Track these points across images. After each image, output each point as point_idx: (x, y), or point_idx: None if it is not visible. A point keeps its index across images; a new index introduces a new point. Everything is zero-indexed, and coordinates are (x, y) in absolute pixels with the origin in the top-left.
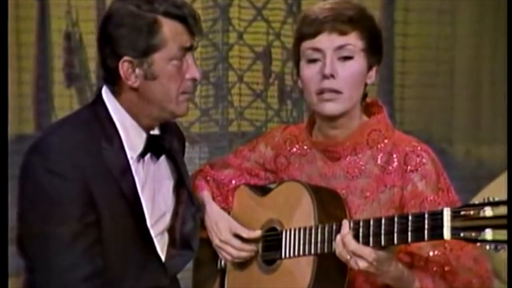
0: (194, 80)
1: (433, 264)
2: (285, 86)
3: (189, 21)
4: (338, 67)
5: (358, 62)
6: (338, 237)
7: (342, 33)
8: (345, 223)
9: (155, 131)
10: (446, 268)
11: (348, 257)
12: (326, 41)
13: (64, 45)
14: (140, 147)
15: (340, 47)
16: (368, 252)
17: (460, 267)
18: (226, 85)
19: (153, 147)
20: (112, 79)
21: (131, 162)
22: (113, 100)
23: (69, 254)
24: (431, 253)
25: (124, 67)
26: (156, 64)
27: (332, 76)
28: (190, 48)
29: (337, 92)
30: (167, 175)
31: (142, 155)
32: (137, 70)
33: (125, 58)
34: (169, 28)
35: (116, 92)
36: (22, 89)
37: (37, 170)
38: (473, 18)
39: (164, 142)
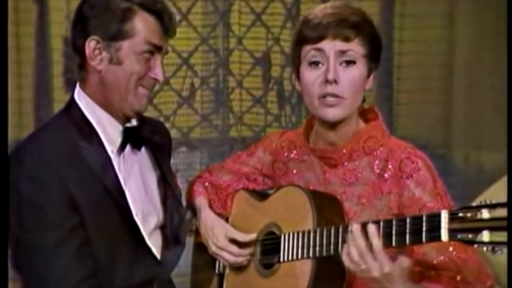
0: (156, 81)
1: (445, 273)
2: (284, 91)
3: (164, 18)
4: (340, 72)
5: (360, 68)
6: (353, 247)
7: (346, 39)
8: (372, 226)
9: (133, 123)
10: (458, 278)
11: (363, 266)
12: (329, 45)
13: (64, 50)
14: (118, 140)
15: (343, 52)
16: (386, 262)
17: (469, 273)
18: (226, 91)
19: (131, 139)
20: (80, 62)
21: (112, 156)
22: (84, 96)
23: (57, 261)
24: (438, 259)
25: (90, 46)
26: (123, 51)
27: (335, 81)
28: (160, 49)
29: (340, 97)
30: (151, 169)
31: (122, 148)
32: (104, 53)
33: (93, 37)
34: (142, 19)
35: (83, 80)
36: (22, 94)
37: (16, 178)
38: (473, 21)
39: (142, 132)
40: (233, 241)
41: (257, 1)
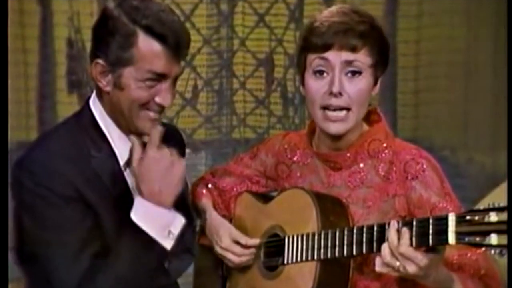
0: (161, 106)
1: (469, 266)
2: (287, 93)
3: (169, 41)
4: (346, 83)
5: (366, 78)
6: (385, 245)
7: (352, 49)
8: (393, 224)
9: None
10: (483, 272)
11: (397, 264)
12: (335, 56)
13: (67, 52)
14: (126, 155)
15: (349, 63)
16: (420, 257)
17: (490, 268)
18: (229, 92)
19: None
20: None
21: (123, 168)
22: (99, 106)
23: (73, 271)
24: (457, 257)
25: (97, 69)
26: (124, 77)
27: (340, 93)
28: (163, 76)
29: (344, 109)
30: None
31: (127, 164)
32: (109, 76)
33: (98, 60)
34: (144, 45)
35: (99, 94)
36: (28, 96)
37: (25, 187)
38: (474, 22)
39: None
40: (237, 243)
41: (260, 2)
